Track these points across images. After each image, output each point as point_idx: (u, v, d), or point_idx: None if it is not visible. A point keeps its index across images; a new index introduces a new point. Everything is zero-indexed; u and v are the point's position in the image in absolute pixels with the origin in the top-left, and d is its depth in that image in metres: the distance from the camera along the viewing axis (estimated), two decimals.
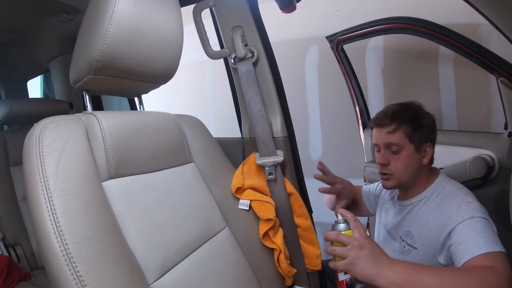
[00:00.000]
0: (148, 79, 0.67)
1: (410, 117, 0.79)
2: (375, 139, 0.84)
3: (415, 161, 0.79)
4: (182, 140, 0.74)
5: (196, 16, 0.90)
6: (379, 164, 0.82)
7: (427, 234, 0.75)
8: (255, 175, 0.86)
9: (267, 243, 0.80)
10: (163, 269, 0.55)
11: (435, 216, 0.74)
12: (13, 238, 1.34)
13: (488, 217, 0.68)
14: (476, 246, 0.62)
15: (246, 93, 0.88)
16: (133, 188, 0.58)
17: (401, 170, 0.79)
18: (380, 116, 0.83)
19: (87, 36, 0.57)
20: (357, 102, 1.58)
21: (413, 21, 1.21)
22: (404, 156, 0.78)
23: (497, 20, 0.62)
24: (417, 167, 0.80)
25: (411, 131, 0.78)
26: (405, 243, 0.80)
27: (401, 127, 0.78)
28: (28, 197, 0.45)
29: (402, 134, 0.78)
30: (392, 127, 0.79)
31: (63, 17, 1.21)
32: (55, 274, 0.41)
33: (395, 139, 0.78)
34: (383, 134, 0.80)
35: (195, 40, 0.91)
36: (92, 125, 0.56)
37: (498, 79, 1.04)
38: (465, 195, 0.73)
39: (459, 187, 0.77)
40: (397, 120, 0.79)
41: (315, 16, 1.90)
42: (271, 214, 0.80)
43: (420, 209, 0.79)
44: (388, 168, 0.80)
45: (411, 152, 0.78)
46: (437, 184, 0.80)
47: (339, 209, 0.66)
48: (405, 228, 0.82)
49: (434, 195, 0.78)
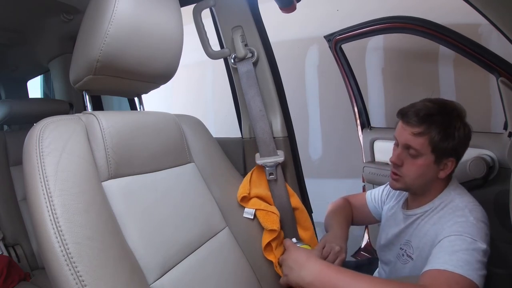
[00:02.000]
0: (148, 79, 0.67)
1: (443, 124, 0.68)
2: (397, 132, 0.74)
3: (430, 172, 0.71)
4: (182, 140, 0.74)
5: (196, 16, 0.90)
6: (391, 162, 0.75)
7: (423, 246, 0.72)
8: (263, 184, 0.86)
9: (267, 254, 0.79)
10: (163, 269, 0.55)
11: (433, 228, 0.70)
12: (13, 238, 1.34)
13: (482, 242, 0.61)
14: (440, 261, 0.58)
15: (246, 93, 0.88)
16: (133, 188, 0.58)
17: (412, 177, 0.72)
18: (409, 112, 0.71)
19: (87, 36, 0.57)
20: (356, 102, 1.58)
21: (413, 21, 1.21)
22: (420, 164, 0.70)
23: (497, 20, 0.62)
24: (431, 179, 0.72)
25: (438, 140, 0.68)
26: (404, 252, 0.78)
27: (428, 133, 0.68)
28: (28, 197, 0.45)
29: (426, 141, 0.68)
30: (418, 130, 0.69)
31: (63, 17, 1.21)
32: (55, 274, 0.41)
33: (416, 144, 0.69)
34: (406, 133, 0.71)
35: (195, 40, 0.91)
36: (92, 125, 0.56)
37: (498, 79, 1.04)
38: (469, 212, 0.66)
39: (467, 203, 0.69)
40: (426, 124, 0.68)
41: (315, 16, 1.90)
42: (275, 225, 0.79)
43: (423, 220, 0.74)
44: (400, 169, 0.74)
45: (429, 162, 0.70)
46: (446, 195, 0.73)
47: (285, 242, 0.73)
48: (406, 237, 0.78)
49: (440, 207, 0.72)
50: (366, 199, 0.99)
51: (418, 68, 1.72)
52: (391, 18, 1.27)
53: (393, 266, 0.81)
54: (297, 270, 0.63)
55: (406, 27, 1.23)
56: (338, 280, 0.57)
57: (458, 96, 1.62)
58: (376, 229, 1.53)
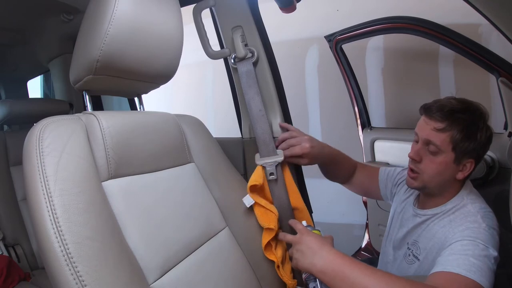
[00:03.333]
0: (148, 79, 0.67)
1: (466, 123, 0.67)
2: (418, 128, 0.73)
3: (449, 172, 0.70)
4: (182, 140, 0.74)
5: (196, 16, 0.90)
6: (410, 157, 0.74)
7: (431, 248, 0.71)
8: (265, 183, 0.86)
9: (268, 254, 0.79)
10: (163, 269, 0.55)
11: (443, 231, 0.69)
12: (13, 238, 1.34)
13: (493, 249, 0.61)
14: (453, 264, 0.58)
15: (246, 93, 0.88)
16: (133, 188, 0.58)
17: (430, 174, 0.71)
18: (433, 107, 0.70)
19: (87, 36, 0.57)
20: (356, 102, 1.58)
21: (413, 21, 1.21)
22: (440, 161, 0.69)
23: (497, 20, 0.62)
24: (449, 179, 0.71)
25: (460, 139, 0.67)
26: (411, 252, 0.77)
27: (451, 130, 0.67)
28: (28, 197, 0.45)
29: (448, 138, 0.67)
30: (440, 125, 0.68)
31: (63, 17, 1.21)
32: (55, 274, 0.41)
33: (438, 140, 0.68)
34: (428, 128, 0.70)
35: (195, 40, 0.91)
36: (92, 125, 0.56)
37: (498, 79, 1.04)
38: (481, 219, 0.66)
39: (479, 209, 0.68)
40: (450, 120, 0.67)
41: (315, 16, 1.90)
42: (272, 223, 0.78)
43: (432, 222, 0.74)
44: (418, 165, 0.72)
45: (448, 161, 0.69)
46: (459, 199, 0.72)
47: (290, 221, 0.71)
48: (414, 237, 0.77)
49: (452, 211, 0.71)
50: (379, 173, 0.96)
51: (418, 68, 1.72)
52: (391, 18, 1.27)
53: (398, 264, 0.81)
54: (309, 256, 0.61)
55: (407, 27, 1.23)
56: (351, 272, 0.56)
57: (458, 96, 1.62)
58: (376, 229, 1.53)
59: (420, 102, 0.83)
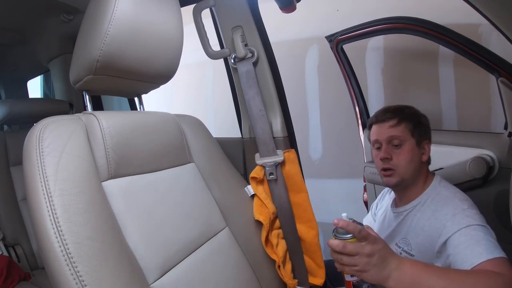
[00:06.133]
0: (148, 79, 0.67)
1: (411, 114, 0.82)
2: (376, 135, 0.83)
3: (416, 157, 0.80)
4: (182, 140, 0.74)
5: (196, 16, 0.90)
6: (381, 159, 0.81)
7: (422, 241, 0.74)
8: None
9: (269, 253, 0.79)
10: (163, 269, 0.55)
11: (430, 223, 0.73)
12: (13, 238, 1.34)
13: (485, 224, 0.67)
14: (475, 255, 0.61)
15: (246, 93, 0.88)
16: (133, 188, 0.58)
17: (404, 165, 0.79)
18: (379, 113, 0.84)
19: (87, 36, 0.57)
20: (357, 102, 1.58)
21: (413, 21, 1.21)
22: (407, 149, 0.79)
23: (497, 20, 0.62)
24: (418, 163, 0.80)
25: (413, 126, 0.80)
26: (402, 250, 0.79)
27: (403, 121, 0.80)
28: (28, 197, 0.45)
29: (405, 129, 0.80)
30: (394, 121, 0.81)
31: (63, 17, 1.21)
32: (55, 274, 0.41)
33: (399, 132, 0.79)
34: (385, 129, 0.81)
35: (195, 40, 0.91)
36: (92, 125, 0.56)
37: (498, 79, 1.04)
38: (460, 202, 0.72)
39: (454, 193, 0.76)
40: (399, 116, 0.81)
41: (315, 16, 1.90)
42: (262, 217, 0.79)
43: (415, 216, 0.78)
44: (391, 162, 0.80)
45: (413, 146, 0.79)
46: (432, 189, 0.79)
47: (339, 222, 0.56)
48: (401, 235, 0.81)
49: (429, 201, 0.77)
50: None
51: (418, 68, 1.72)
52: (392, 18, 1.27)
53: None
54: (383, 268, 0.54)
55: (407, 27, 1.24)
56: (429, 277, 0.54)
57: (458, 96, 1.62)
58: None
59: (420, 102, 0.84)
